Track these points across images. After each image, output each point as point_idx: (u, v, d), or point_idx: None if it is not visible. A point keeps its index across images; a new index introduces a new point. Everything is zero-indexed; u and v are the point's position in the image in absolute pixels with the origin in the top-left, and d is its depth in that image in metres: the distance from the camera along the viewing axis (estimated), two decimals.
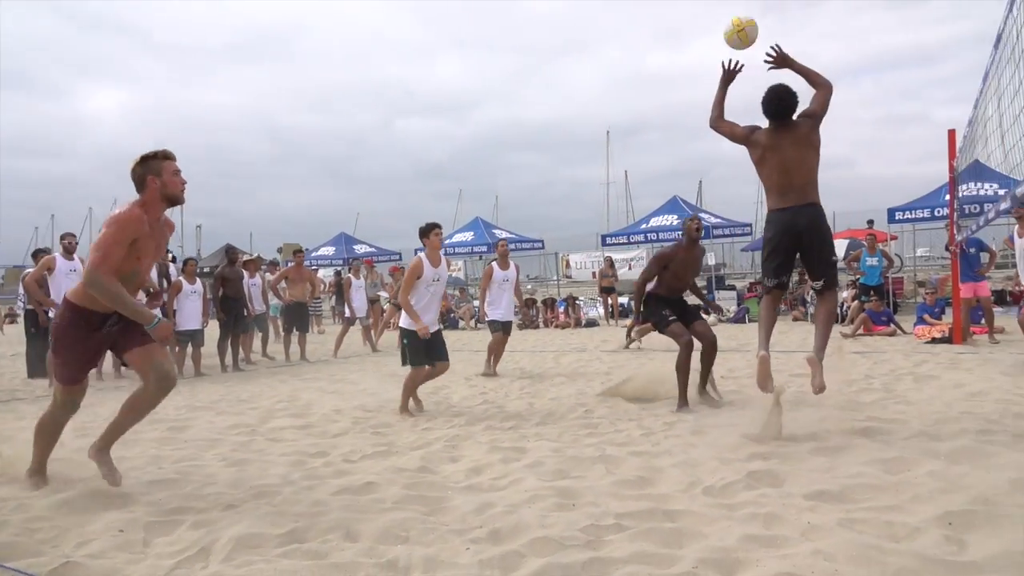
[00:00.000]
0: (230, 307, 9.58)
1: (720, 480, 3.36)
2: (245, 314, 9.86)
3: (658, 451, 4.12)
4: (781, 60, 4.36)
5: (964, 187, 10.86)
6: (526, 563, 2.45)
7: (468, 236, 21.53)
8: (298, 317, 10.73)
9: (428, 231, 5.88)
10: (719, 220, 18.31)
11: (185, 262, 9.50)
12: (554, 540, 2.62)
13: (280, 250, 32.22)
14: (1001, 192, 12.57)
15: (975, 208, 12.21)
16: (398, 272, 13.04)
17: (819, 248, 4.33)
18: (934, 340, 9.55)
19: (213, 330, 9.69)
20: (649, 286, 5.85)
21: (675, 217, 17.99)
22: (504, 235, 20.44)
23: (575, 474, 3.69)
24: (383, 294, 12.83)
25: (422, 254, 5.89)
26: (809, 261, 4.37)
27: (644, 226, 18.83)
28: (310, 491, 3.47)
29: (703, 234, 5.87)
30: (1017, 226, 7.73)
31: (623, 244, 19.31)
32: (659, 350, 10.48)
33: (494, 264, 8.25)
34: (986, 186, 12.71)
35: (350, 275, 12.07)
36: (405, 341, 5.77)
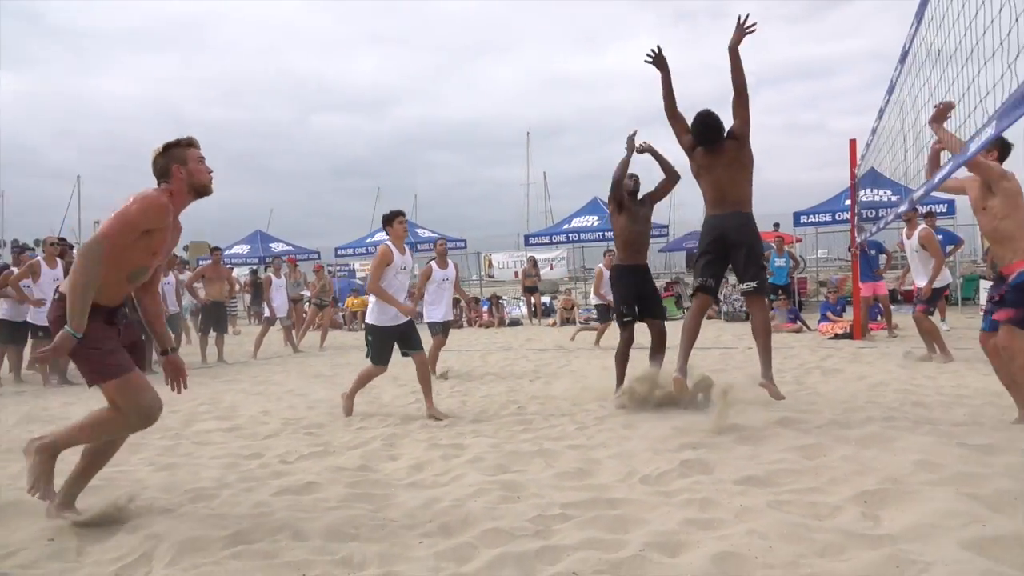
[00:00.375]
0: None
1: (655, 469, 3.51)
2: None
3: (593, 444, 4.26)
4: (738, 38, 4.47)
5: (862, 193, 11.65)
6: (480, 554, 2.51)
7: None
8: (215, 317, 10.35)
9: (392, 219, 5.74)
10: None
11: None
12: (505, 531, 2.69)
13: (187, 248, 30.82)
14: (894, 198, 13.57)
15: (872, 213, 13.12)
16: (321, 271, 12.78)
17: (748, 249, 4.53)
18: (837, 336, 10.21)
19: None
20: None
21: (596, 218, 18.41)
22: (427, 234, 20.39)
23: (516, 468, 3.78)
24: (306, 293, 12.55)
25: (388, 242, 5.73)
26: (738, 263, 4.57)
27: (566, 227, 19.18)
28: (249, 493, 3.40)
29: (639, 186, 5.77)
30: (906, 228, 8.37)
31: (545, 244, 19.59)
32: (585, 348, 10.75)
33: (432, 264, 8.03)
34: (882, 192, 13.66)
35: (270, 274, 11.75)
36: (370, 338, 5.62)
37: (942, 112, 4.06)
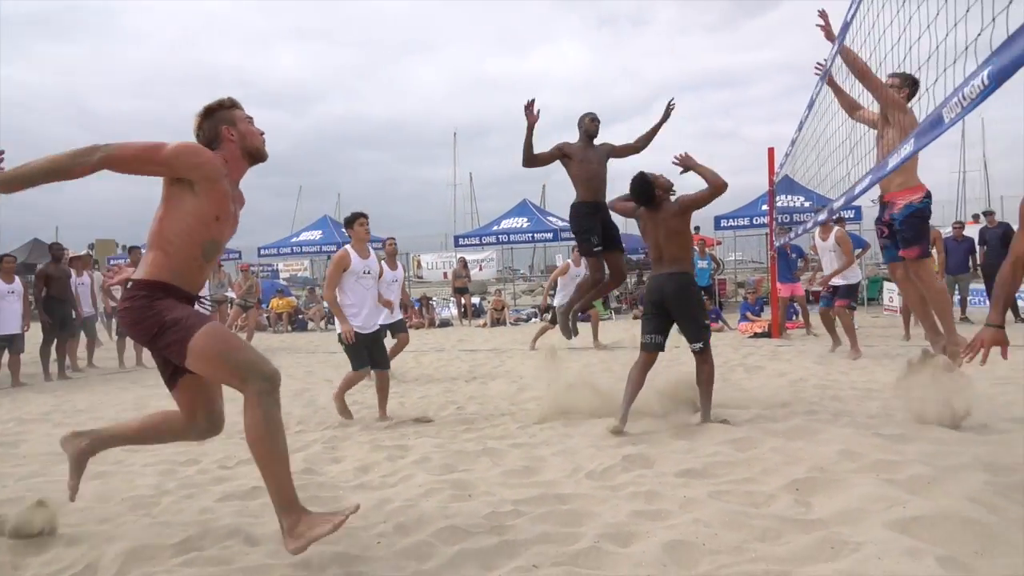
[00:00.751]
0: (55, 309, 8.69)
1: (599, 465, 3.63)
2: (73, 316, 8.98)
3: (536, 442, 4.35)
4: (685, 164, 4.63)
5: (779, 199, 12.26)
6: (439, 552, 2.54)
7: (316, 235, 20.89)
8: None
9: (352, 221, 5.54)
10: (565, 223, 19.15)
11: (0, 259, 8.46)
12: (460, 529, 2.74)
13: (92, 246, 29.21)
14: (807, 204, 14.34)
15: (787, 218, 13.83)
16: (245, 270, 12.39)
17: (687, 312, 4.59)
18: (756, 335, 10.71)
19: (35, 334, 8.73)
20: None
21: (525, 220, 18.62)
22: None
23: (462, 467, 3.82)
24: (230, 294, 12.14)
25: (347, 245, 5.55)
26: (681, 325, 4.63)
27: (495, 228, 19.29)
28: (191, 499, 3.32)
29: (598, 129, 5.51)
30: (820, 231, 8.87)
31: (475, 245, 19.65)
32: (519, 349, 10.86)
33: (382, 264, 7.87)
34: (795, 198, 14.41)
35: None
36: (343, 345, 5.39)
37: (826, 24, 4.77)
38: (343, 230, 21.27)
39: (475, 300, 18.45)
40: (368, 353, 5.41)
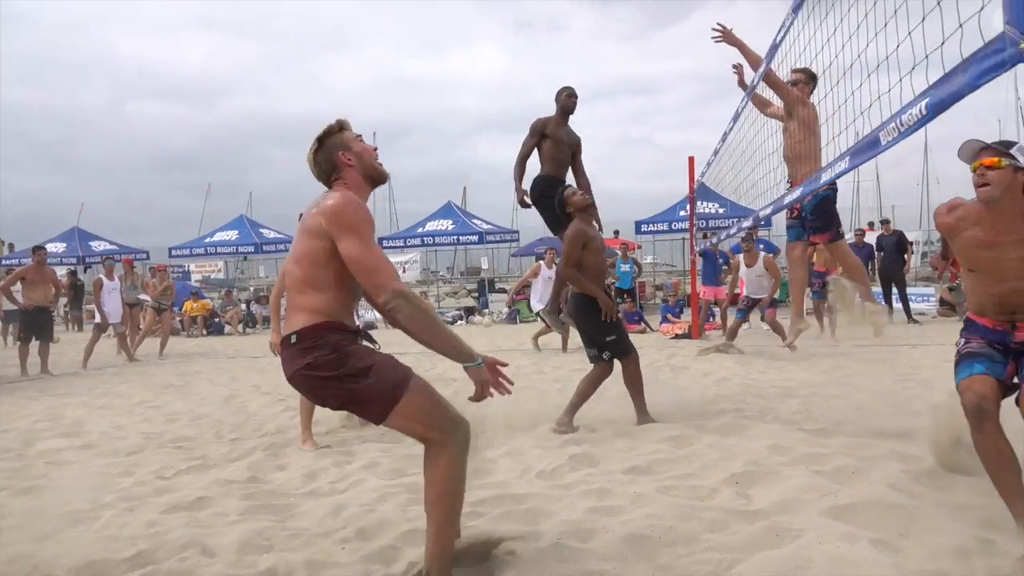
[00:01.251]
0: None
1: (548, 465, 3.74)
2: None
3: (480, 444, 4.36)
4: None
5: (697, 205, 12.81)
6: (405, 555, 2.58)
7: (232, 235, 20.18)
8: (39, 324, 9.32)
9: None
10: (490, 226, 19.33)
11: None
12: (423, 531, 2.76)
13: None
14: (721, 210, 15.03)
15: (703, 223, 14.47)
16: (162, 271, 11.84)
17: (580, 328, 4.78)
18: (677, 336, 11.15)
19: None
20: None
21: (450, 222, 18.63)
22: (273, 235, 19.57)
23: (413, 471, 3.83)
24: (143, 297, 11.57)
25: None
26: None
27: (420, 230, 19.23)
28: (135, 512, 3.21)
29: (575, 105, 5.54)
30: (746, 256, 9.29)
31: (399, 247, 19.50)
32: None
33: None
34: (711, 205, 15.09)
35: (102, 276, 10.75)
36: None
37: (725, 30, 5.19)
38: (261, 230, 20.53)
39: None
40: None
